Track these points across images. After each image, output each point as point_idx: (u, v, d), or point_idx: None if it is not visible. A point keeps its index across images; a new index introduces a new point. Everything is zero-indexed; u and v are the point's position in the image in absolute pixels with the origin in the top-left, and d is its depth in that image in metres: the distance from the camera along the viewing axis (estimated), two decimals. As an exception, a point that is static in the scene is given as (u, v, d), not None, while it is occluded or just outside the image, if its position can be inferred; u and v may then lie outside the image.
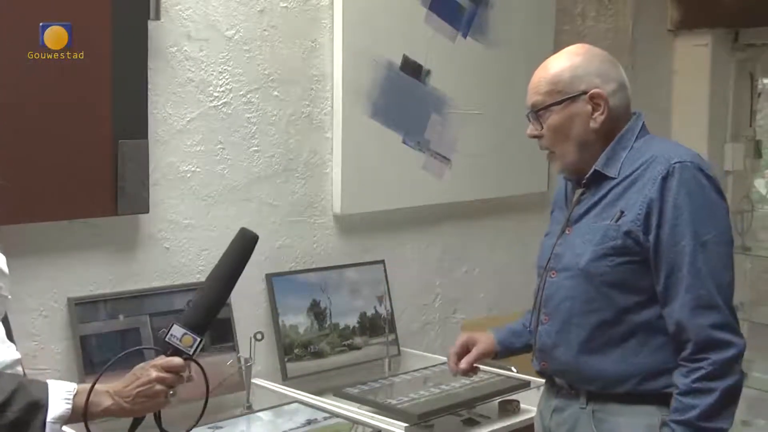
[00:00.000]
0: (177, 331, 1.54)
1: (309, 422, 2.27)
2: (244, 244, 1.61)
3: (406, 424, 2.23)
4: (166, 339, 1.54)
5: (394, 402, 2.37)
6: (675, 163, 1.79)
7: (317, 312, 2.71)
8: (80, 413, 1.45)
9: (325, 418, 2.29)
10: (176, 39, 2.41)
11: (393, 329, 2.88)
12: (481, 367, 2.70)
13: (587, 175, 1.90)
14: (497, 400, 2.48)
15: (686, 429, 1.74)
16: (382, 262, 2.92)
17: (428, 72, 3.02)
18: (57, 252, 2.23)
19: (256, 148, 2.62)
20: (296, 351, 2.63)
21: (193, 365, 1.56)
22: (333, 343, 2.72)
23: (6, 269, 1.59)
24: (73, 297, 2.23)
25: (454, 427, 2.42)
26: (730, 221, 1.86)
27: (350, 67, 2.77)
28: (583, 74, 1.87)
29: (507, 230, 3.43)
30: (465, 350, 2.13)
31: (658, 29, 4.03)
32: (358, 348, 2.78)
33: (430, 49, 3.01)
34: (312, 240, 2.79)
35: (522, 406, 2.50)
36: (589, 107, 1.87)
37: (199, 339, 1.54)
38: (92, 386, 1.48)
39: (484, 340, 2.15)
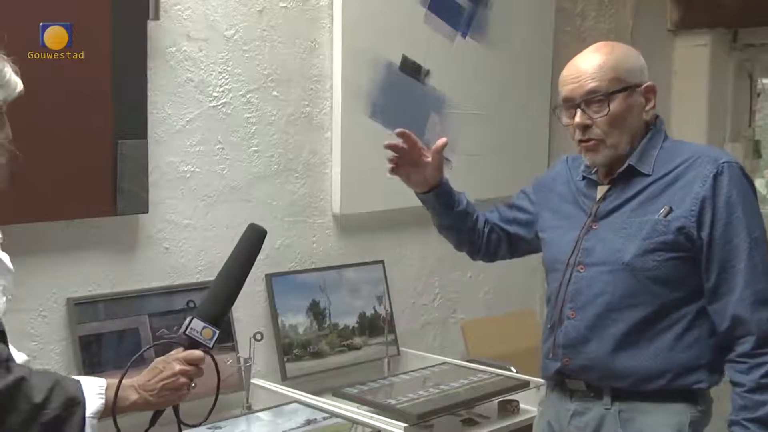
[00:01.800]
0: (197, 324, 1.57)
1: (308, 422, 2.27)
2: (254, 239, 1.67)
3: (405, 424, 2.23)
4: (187, 333, 1.56)
5: (393, 402, 2.37)
6: (724, 162, 1.81)
7: (316, 312, 2.71)
8: (110, 408, 1.47)
9: (325, 418, 2.29)
10: (175, 39, 2.41)
11: (392, 329, 2.88)
12: (478, 367, 2.72)
13: (621, 169, 1.89)
14: (496, 400, 2.49)
15: (762, 426, 1.73)
16: (382, 262, 2.92)
17: (427, 72, 3.02)
18: (56, 252, 2.23)
19: (255, 148, 2.62)
20: (295, 351, 2.63)
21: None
22: (332, 343, 2.72)
23: (11, 266, 1.61)
24: (72, 297, 2.23)
25: (454, 427, 2.42)
26: None
27: (349, 67, 2.77)
28: (640, 67, 1.90)
29: (506, 230, 3.42)
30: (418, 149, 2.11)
31: (658, 29, 4.03)
32: (358, 348, 2.78)
33: (430, 49, 3.01)
34: (311, 240, 2.79)
35: (521, 406, 2.51)
36: (643, 100, 1.88)
37: (217, 332, 1.58)
38: (120, 381, 1.50)
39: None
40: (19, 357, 1.61)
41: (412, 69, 2.97)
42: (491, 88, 3.26)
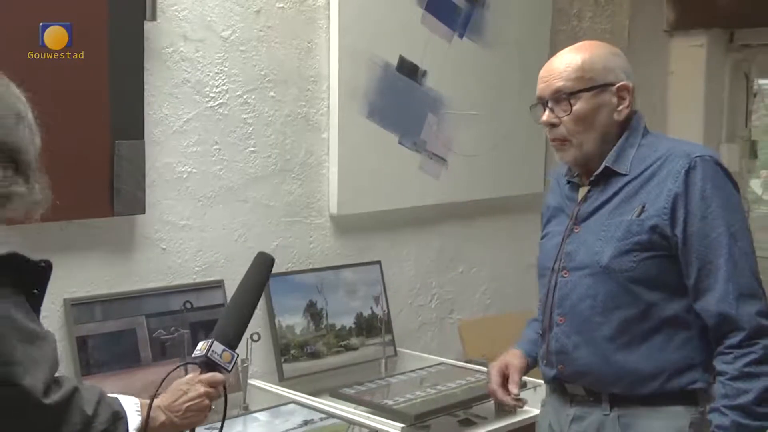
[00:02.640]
0: (218, 347, 1.60)
1: (306, 423, 2.27)
2: (264, 267, 1.73)
3: (402, 425, 2.23)
4: (208, 356, 1.59)
5: (390, 402, 2.37)
6: (696, 157, 1.79)
7: (314, 313, 2.71)
8: (143, 427, 1.50)
9: (322, 419, 2.29)
10: (172, 40, 2.41)
11: (389, 330, 2.88)
12: (475, 367, 2.72)
13: (596, 172, 1.89)
14: (493, 400, 2.48)
15: (741, 414, 1.71)
16: (379, 262, 2.92)
17: (424, 72, 3.02)
18: (53, 253, 2.20)
19: (252, 149, 2.62)
20: (293, 352, 2.63)
21: None
22: (329, 344, 2.72)
23: None
24: (69, 298, 2.23)
25: (451, 428, 2.42)
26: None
27: (346, 67, 2.77)
28: (613, 66, 1.88)
29: (503, 230, 3.43)
30: (504, 377, 2.05)
31: (654, 30, 4.03)
32: (355, 349, 2.78)
33: (427, 49, 3.01)
34: (308, 240, 2.79)
35: (518, 406, 2.50)
36: (615, 99, 1.87)
37: (236, 355, 1.63)
38: (152, 401, 1.53)
39: (515, 360, 2.06)
40: None
41: (409, 69, 2.97)
42: (488, 88, 3.26)
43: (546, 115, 1.90)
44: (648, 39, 3.93)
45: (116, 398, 1.50)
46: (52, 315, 2.22)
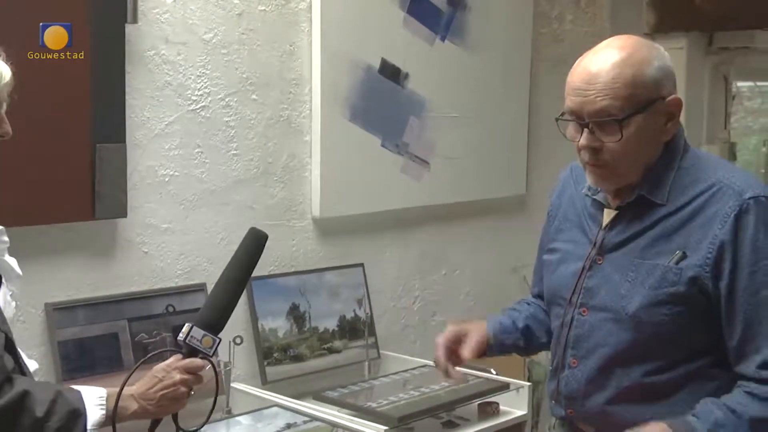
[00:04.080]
0: (197, 333, 1.56)
1: (289, 426, 2.27)
2: (255, 244, 1.64)
3: (386, 427, 2.24)
4: (187, 341, 1.56)
5: (374, 405, 2.37)
6: (750, 198, 1.54)
7: (296, 315, 2.70)
8: (110, 418, 1.49)
9: (305, 422, 2.29)
10: (154, 42, 2.40)
11: (372, 332, 2.88)
12: (461, 369, 2.72)
13: (629, 200, 1.64)
14: (477, 402, 2.49)
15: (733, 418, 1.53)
16: (362, 265, 2.92)
17: (407, 75, 3.02)
18: (34, 257, 2.21)
19: (234, 152, 2.61)
20: (275, 355, 2.62)
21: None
22: (312, 347, 2.72)
23: (19, 271, 1.61)
24: (50, 302, 2.22)
25: (434, 430, 2.43)
26: None
27: (328, 70, 2.77)
28: (662, 76, 1.58)
29: (486, 233, 3.44)
30: (457, 342, 1.84)
31: (634, 32, 4.03)
32: (338, 351, 2.78)
33: (409, 52, 3.02)
34: (291, 243, 2.78)
35: (501, 408, 2.52)
36: (664, 117, 1.59)
37: (218, 340, 1.57)
38: (120, 391, 1.50)
39: (476, 329, 1.86)
40: (31, 364, 1.61)
41: (391, 72, 2.97)
42: (470, 91, 3.27)
43: (586, 139, 1.58)
44: (628, 42, 3.96)
45: (78, 392, 1.48)
46: (33, 319, 2.21)
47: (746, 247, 1.53)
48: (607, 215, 1.68)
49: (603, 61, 1.57)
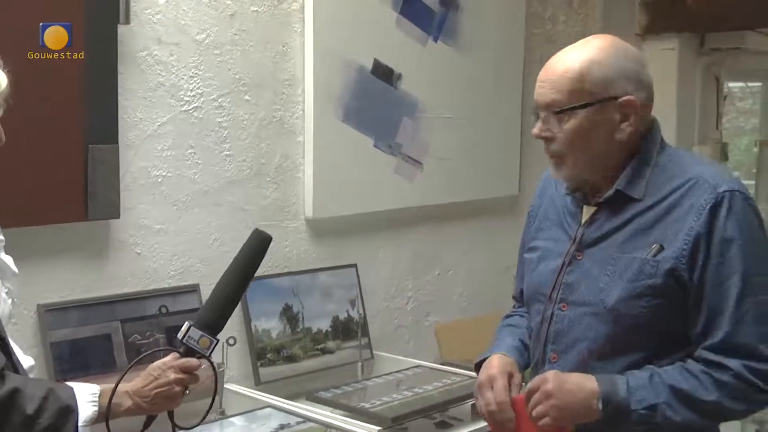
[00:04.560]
0: (194, 333, 1.56)
1: (282, 427, 2.27)
2: (258, 245, 1.63)
3: (379, 428, 2.24)
4: (184, 341, 1.56)
5: (367, 405, 2.37)
6: (725, 191, 1.58)
7: (290, 316, 2.70)
8: (103, 414, 1.49)
9: (299, 423, 2.29)
10: (146, 43, 2.40)
11: (366, 333, 2.88)
12: (452, 369, 2.73)
13: (606, 195, 1.68)
14: (470, 402, 2.49)
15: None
16: (355, 265, 2.92)
17: (399, 76, 3.03)
18: (27, 258, 2.20)
19: (227, 153, 2.61)
20: (269, 355, 2.62)
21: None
22: (306, 348, 2.72)
23: (15, 269, 1.61)
24: (43, 303, 2.21)
25: (427, 430, 2.43)
26: None
27: (321, 71, 2.77)
28: (617, 76, 1.62)
29: (479, 233, 3.45)
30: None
31: (626, 33, 4.07)
32: (331, 352, 2.78)
33: (401, 52, 3.02)
34: (284, 244, 2.78)
35: (495, 408, 2.51)
36: (618, 116, 1.63)
37: (215, 341, 1.57)
38: (114, 388, 1.51)
39: (507, 368, 1.78)
40: (26, 361, 1.61)
41: (384, 73, 2.98)
42: (463, 91, 3.28)
43: (537, 128, 1.68)
44: (620, 42, 3.98)
45: (70, 390, 1.49)
46: (25, 321, 2.20)
47: (716, 239, 1.57)
48: (587, 212, 1.71)
49: (563, 57, 1.66)
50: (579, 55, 1.64)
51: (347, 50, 2.85)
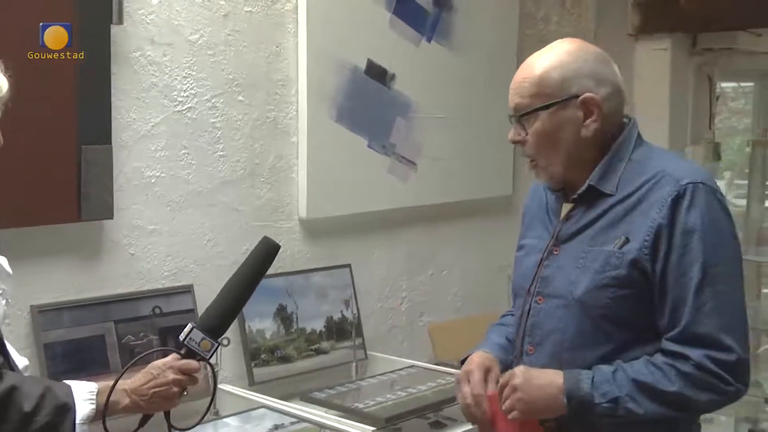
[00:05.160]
0: (196, 335, 1.57)
1: (276, 427, 2.26)
2: (265, 252, 1.65)
3: (373, 428, 2.24)
4: (186, 342, 1.57)
5: (361, 406, 2.37)
6: (687, 183, 1.61)
7: (284, 317, 2.70)
8: (101, 412, 1.49)
9: (293, 423, 2.29)
10: (139, 43, 2.40)
11: (360, 333, 2.88)
12: (446, 369, 2.73)
13: (580, 191, 1.72)
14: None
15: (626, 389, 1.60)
16: (349, 266, 2.92)
17: (393, 76, 3.03)
18: (19, 259, 2.19)
19: (221, 153, 2.61)
20: (263, 356, 2.62)
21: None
22: (300, 348, 2.72)
23: (9, 270, 1.61)
24: (36, 305, 2.21)
25: (422, 430, 2.43)
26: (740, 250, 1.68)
27: (315, 71, 2.77)
28: (574, 76, 1.68)
29: (473, 233, 3.45)
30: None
31: (619, 34, 4.08)
32: (325, 352, 2.78)
33: (395, 53, 3.02)
34: (278, 245, 2.78)
35: (489, 407, 2.52)
36: (581, 113, 1.67)
37: (217, 344, 1.58)
38: (113, 386, 1.51)
39: (486, 363, 1.82)
40: (20, 361, 1.61)
41: (377, 73, 2.98)
42: (456, 91, 3.28)
43: (511, 133, 1.75)
44: (613, 43, 3.97)
45: (68, 387, 1.49)
46: (18, 322, 2.20)
47: (678, 230, 1.60)
48: (565, 208, 1.76)
49: (526, 63, 1.74)
50: (539, 61, 1.71)
51: (341, 50, 2.85)
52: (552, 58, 1.70)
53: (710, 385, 1.60)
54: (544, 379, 1.65)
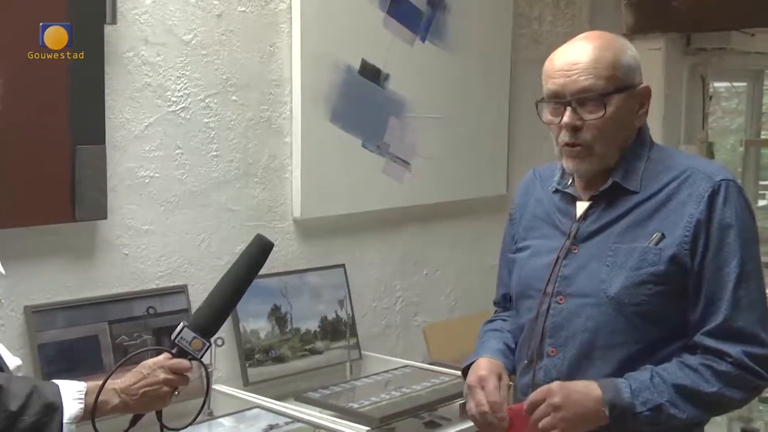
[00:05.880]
0: (187, 334, 1.56)
1: (271, 427, 2.26)
2: (258, 251, 1.63)
3: (367, 428, 2.24)
4: (176, 341, 1.56)
5: (355, 406, 2.37)
6: (721, 180, 1.63)
7: (278, 317, 2.70)
8: (89, 412, 1.48)
9: (287, 423, 2.29)
10: (133, 43, 2.39)
11: (354, 333, 2.88)
12: (440, 369, 2.74)
13: (603, 188, 1.70)
14: (458, 402, 2.50)
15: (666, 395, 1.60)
16: (343, 266, 2.92)
17: (387, 76, 3.03)
18: (13, 259, 2.19)
19: (215, 153, 2.61)
20: (257, 356, 2.62)
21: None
22: (294, 348, 2.72)
23: (2, 270, 1.60)
24: (29, 305, 2.20)
25: (416, 430, 2.44)
26: None
27: (309, 71, 2.77)
28: (636, 65, 1.69)
29: (467, 233, 3.45)
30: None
31: (613, 33, 4.09)
32: (320, 352, 2.78)
33: (389, 53, 3.02)
34: (272, 245, 2.78)
35: (483, 407, 2.52)
36: (637, 103, 1.68)
37: (208, 343, 1.57)
38: (102, 386, 1.50)
39: (496, 370, 1.79)
40: (13, 361, 1.61)
41: (371, 73, 2.98)
42: (450, 91, 3.29)
43: (568, 117, 1.65)
44: (607, 42, 4.00)
45: (56, 387, 1.48)
46: (12, 322, 2.19)
47: (715, 225, 1.61)
48: (581, 207, 1.74)
49: (583, 47, 1.68)
50: (603, 44, 1.67)
51: (335, 50, 2.85)
52: (616, 43, 1.68)
53: (746, 381, 1.62)
54: (582, 393, 1.62)
